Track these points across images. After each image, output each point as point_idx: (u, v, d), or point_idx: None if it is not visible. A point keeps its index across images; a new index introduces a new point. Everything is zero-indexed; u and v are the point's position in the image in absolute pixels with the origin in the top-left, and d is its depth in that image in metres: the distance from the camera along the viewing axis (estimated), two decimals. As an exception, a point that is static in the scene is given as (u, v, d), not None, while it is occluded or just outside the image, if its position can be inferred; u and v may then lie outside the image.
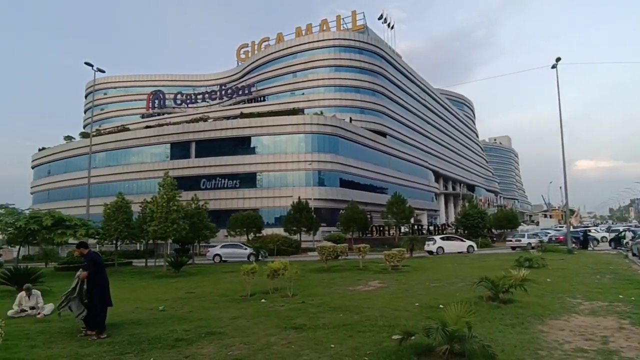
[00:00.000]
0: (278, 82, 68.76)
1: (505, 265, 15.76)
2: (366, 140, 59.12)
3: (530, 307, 9.12)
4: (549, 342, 6.61)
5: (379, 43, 70.08)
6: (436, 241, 32.91)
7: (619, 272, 16.31)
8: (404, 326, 7.30)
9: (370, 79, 65.77)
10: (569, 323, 7.96)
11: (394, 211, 43.02)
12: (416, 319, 8.19)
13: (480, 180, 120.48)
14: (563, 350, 6.20)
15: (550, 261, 19.42)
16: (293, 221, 39.86)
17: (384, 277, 16.30)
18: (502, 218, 48.14)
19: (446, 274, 16.72)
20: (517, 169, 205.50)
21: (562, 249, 28.83)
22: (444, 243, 32.68)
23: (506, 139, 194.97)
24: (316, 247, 24.85)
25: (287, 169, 51.19)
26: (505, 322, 7.93)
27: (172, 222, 24.57)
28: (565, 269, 17.47)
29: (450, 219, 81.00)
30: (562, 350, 6.20)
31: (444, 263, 22.87)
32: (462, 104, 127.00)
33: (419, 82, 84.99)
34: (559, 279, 14.26)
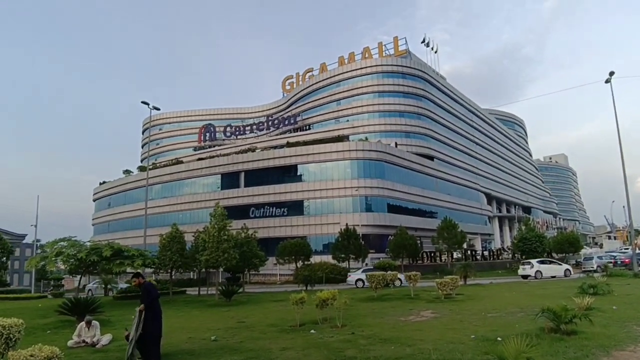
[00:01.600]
0: (322, 110, 69.99)
1: (568, 293, 14.86)
2: (413, 164, 58.42)
3: (595, 338, 8.49)
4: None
5: (421, 66, 69.95)
6: (534, 265, 31.93)
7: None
8: (459, 360, 7.01)
9: (414, 102, 65.48)
10: (635, 354, 7.36)
11: (444, 236, 41.79)
12: (472, 352, 7.83)
13: (537, 201, 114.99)
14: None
15: (616, 287, 18.12)
16: (341, 248, 39.62)
17: (437, 307, 15.74)
18: (562, 241, 45.39)
19: (504, 303, 15.90)
20: (576, 188, 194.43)
21: (628, 273, 26.79)
22: (542, 267, 31.78)
23: (562, 158, 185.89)
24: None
25: (334, 195, 51.36)
26: (568, 355, 7.44)
27: (223, 251, 25.18)
28: (632, 295, 16.23)
29: (506, 243, 77.54)
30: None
31: (501, 291, 21.79)
32: (513, 123, 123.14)
33: (465, 103, 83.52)
34: (626, 306, 13.21)
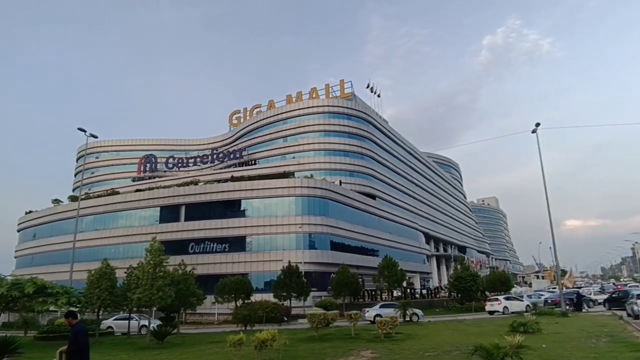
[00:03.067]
0: (269, 146, 70.30)
1: (500, 331, 15.41)
2: (356, 203, 59.48)
3: (527, 378, 8.81)
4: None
5: (365, 109, 72.76)
6: (501, 301, 33.41)
7: (614, 334, 16.01)
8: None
9: (359, 143, 67.56)
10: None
11: (385, 274, 42.32)
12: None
13: (471, 241, 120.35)
14: None
15: (545, 325, 19.05)
16: (283, 286, 38.83)
17: (377, 346, 15.72)
18: (495, 280, 47.42)
19: (441, 342, 16.20)
20: (506, 229, 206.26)
21: (556, 312, 28.32)
22: (508, 302, 33.31)
23: (494, 200, 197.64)
24: (307, 314, 24.10)
25: (278, 232, 50.84)
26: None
27: (157, 289, 23.78)
28: (560, 333, 17.08)
29: (443, 281, 79.85)
30: None
31: (438, 330, 22.21)
32: (449, 166, 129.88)
33: (406, 146, 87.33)
34: (554, 344, 13.91)
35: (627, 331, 17.26)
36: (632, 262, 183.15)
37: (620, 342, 13.90)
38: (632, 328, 18.14)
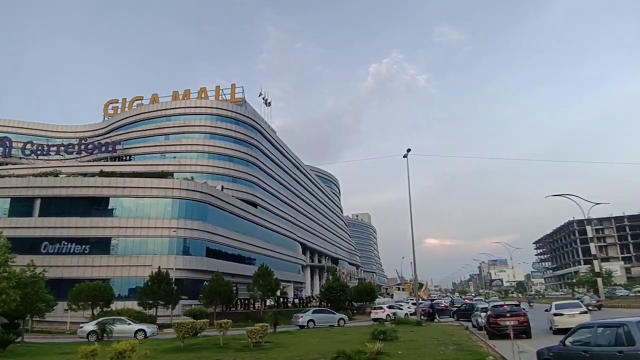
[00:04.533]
0: (148, 142, 65.67)
1: (363, 339, 16.33)
2: (237, 210, 58.59)
3: (383, 382, 9.46)
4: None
5: (255, 117, 72.55)
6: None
7: (461, 343, 17.94)
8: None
9: (245, 149, 66.89)
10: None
11: (260, 283, 42.19)
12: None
13: (344, 253, 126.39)
14: None
15: (402, 333, 20.68)
16: (150, 293, 36.26)
17: (245, 356, 15.55)
18: (362, 291, 50.46)
19: (308, 350, 16.62)
20: (375, 244, 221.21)
21: (412, 321, 30.96)
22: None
23: (367, 216, 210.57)
24: (173, 323, 22.89)
25: (149, 234, 47.56)
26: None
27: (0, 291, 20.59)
28: (415, 341, 18.70)
29: (315, 291, 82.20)
30: None
31: (307, 338, 22.77)
32: (329, 181, 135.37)
33: (291, 157, 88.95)
34: (409, 351, 15.15)
35: (472, 340, 19.51)
36: (479, 279, 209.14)
37: (466, 350, 15.62)
38: (476, 338, 20.53)
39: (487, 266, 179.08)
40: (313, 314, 33.66)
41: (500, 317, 20.35)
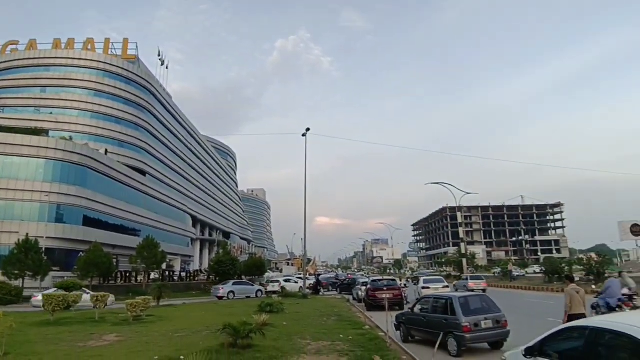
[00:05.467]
0: (21, 93, 57.49)
1: (250, 311, 16.48)
2: (122, 177, 54.55)
3: (266, 351, 9.69)
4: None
5: (149, 78, 67.54)
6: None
7: (342, 314, 19.11)
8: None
9: (135, 112, 62.08)
10: (297, 363, 8.80)
11: (144, 255, 40.06)
12: (154, 373, 7.64)
13: (236, 228, 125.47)
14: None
15: (288, 306, 21.35)
16: (16, 263, 32.49)
17: (123, 330, 14.76)
18: (252, 265, 50.75)
19: (193, 323, 16.33)
20: (269, 219, 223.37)
21: (298, 294, 32.11)
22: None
23: (262, 192, 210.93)
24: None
25: (16, 198, 42.29)
26: (243, 367, 8.20)
27: None
28: (300, 313, 19.47)
29: (204, 265, 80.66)
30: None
31: (193, 311, 22.34)
32: (226, 153, 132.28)
33: (186, 125, 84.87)
34: (294, 322, 15.76)
35: (352, 312, 20.91)
36: (362, 256, 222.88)
37: (346, 320, 16.69)
38: (356, 309, 22.06)
39: (371, 244, 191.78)
40: (233, 285, 34.63)
41: (378, 290, 22.11)
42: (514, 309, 18.07)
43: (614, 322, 4.60)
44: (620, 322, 4.51)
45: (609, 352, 4.50)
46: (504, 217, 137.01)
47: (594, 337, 4.66)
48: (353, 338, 11.97)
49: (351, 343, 11.18)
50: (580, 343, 4.83)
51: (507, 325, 10.73)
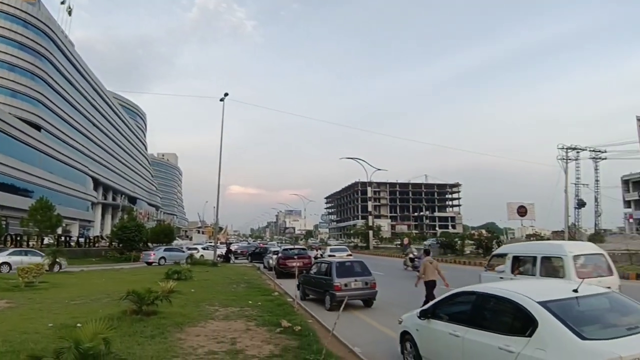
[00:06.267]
0: None
1: (156, 278, 16.07)
2: (13, 130, 48.87)
3: (172, 317, 9.61)
4: (184, 349, 7.17)
5: (50, 23, 60.42)
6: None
7: (251, 282, 19.41)
8: (32, 350, 6.38)
9: (32, 59, 55.47)
10: (205, 329, 8.88)
11: (37, 219, 36.68)
12: (47, 340, 7.27)
13: (144, 193, 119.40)
14: (197, 354, 6.86)
15: (197, 273, 21.16)
16: None
17: (14, 296, 13.67)
18: (159, 232, 49.05)
19: (92, 290, 15.56)
20: (180, 186, 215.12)
21: (208, 262, 31.83)
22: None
23: (173, 157, 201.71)
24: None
25: None
26: (146, 334, 8.05)
27: None
28: (209, 280, 19.44)
29: (106, 230, 76.07)
30: (196, 354, 6.86)
31: (91, 278, 21.20)
32: (135, 113, 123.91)
33: (91, 79, 77.80)
34: (202, 289, 15.73)
35: (262, 279, 21.29)
36: (275, 227, 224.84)
37: (255, 287, 17.01)
38: (266, 277, 22.47)
39: (284, 215, 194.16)
40: (164, 251, 34.50)
41: (288, 259, 22.76)
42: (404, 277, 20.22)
43: (498, 288, 5.30)
44: (503, 288, 5.20)
45: (493, 314, 5.14)
46: (409, 193, 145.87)
47: (481, 302, 5.36)
48: (262, 304, 12.31)
49: (260, 309, 11.50)
50: (468, 307, 5.52)
51: (375, 287, 12.90)
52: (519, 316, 4.55)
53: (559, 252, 10.08)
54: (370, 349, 7.84)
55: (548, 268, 10.13)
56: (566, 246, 10.50)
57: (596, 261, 10.40)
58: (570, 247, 10.55)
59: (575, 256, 9.85)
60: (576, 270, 9.47)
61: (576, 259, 9.82)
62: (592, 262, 10.28)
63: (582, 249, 10.71)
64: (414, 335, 6.37)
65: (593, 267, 10.17)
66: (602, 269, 10.14)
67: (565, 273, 9.49)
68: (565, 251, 9.95)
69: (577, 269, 9.52)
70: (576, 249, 10.34)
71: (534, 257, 10.68)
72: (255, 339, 8.04)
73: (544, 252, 10.62)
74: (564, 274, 9.52)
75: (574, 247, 10.62)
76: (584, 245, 12.88)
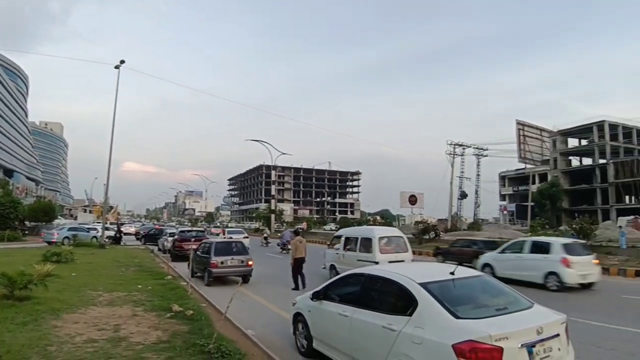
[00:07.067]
0: None
1: (32, 260, 14.50)
2: None
3: (47, 303, 8.82)
4: (60, 337, 6.63)
5: None
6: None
7: (143, 265, 18.37)
8: None
9: None
10: (85, 315, 8.26)
11: None
12: None
13: (22, 165, 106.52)
14: (74, 343, 6.36)
15: (81, 256, 19.54)
16: None
17: None
18: (38, 209, 44.16)
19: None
20: (65, 159, 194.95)
21: (95, 244, 29.47)
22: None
23: (58, 126, 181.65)
24: None
25: None
26: (17, 321, 7.37)
27: None
28: (94, 263, 18.02)
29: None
30: (73, 343, 6.36)
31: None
32: (16, 75, 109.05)
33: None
34: (85, 273, 14.56)
35: (155, 262, 20.27)
36: (173, 208, 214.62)
37: (147, 271, 16.10)
38: (159, 260, 21.44)
39: (184, 196, 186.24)
40: (69, 230, 33.07)
41: (185, 241, 21.99)
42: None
43: (385, 270, 5.63)
44: (389, 270, 5.53)
45: (379, 295, 5.43)
46: (312, 179, 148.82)
47: (369, 283, 5.65)
48: (153, 288, 11.77)
49: (150, 293, 10.99)
50: (357, 288, 5.79)
51: (251, 265, 14.44)
52: (402, 296, 4.82)
53: (370, 234, 13.97)
54: (264, 331, 7.93)
55: (364, 245, 13.88)
56: (375, 230, 14.73)
57: (397, 241, 14.28)
58: (378, 231, 14.70)
59: (380, 237, 13.71)
60: (380, 247, 13.39)
61: (381, 239, 13.64)
62: (394, 242, 14.17)
63: (386, 233, 14.80)
64: (306, 316, 6.55)
65: (394, 245, 14.04)
66: (401, 247, 14.11)
67: (373, 249, 13.33)
68: (374, 234, 13.85)
69: (381, 247, 13.44)
70: (382, 232, 14.45)
71: (356, 237, 14.52)
72: (142, 325, 7.68)
73: (361, 235, 14.53)
74: (372, 249, 13.33)
75: (381, 231, 14.77)
76: (389, 229, 17.28)
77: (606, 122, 63.33)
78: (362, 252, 13.81)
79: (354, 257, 13.99)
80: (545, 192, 63.11)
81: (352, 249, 14.45)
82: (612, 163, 61.49)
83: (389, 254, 13.38)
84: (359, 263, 12.72)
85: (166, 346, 6.38)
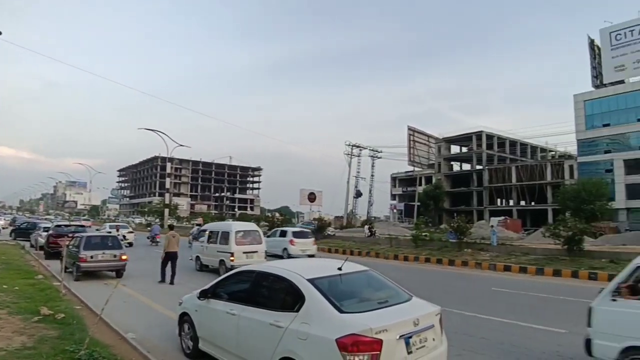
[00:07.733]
0: None
1: None
2: None
3: None
4: None
5: None
6: None
7: (11, 262, 16.22)
8: None
9: None
10: None
11: None
12: None
13: None
14: None
15: None
16: None
17: None
18: None
19: None
20: None
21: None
22: None
23: None
24: None
25: None
26: None
27: None
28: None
29: None
30: None
31: None
32: None
33: None
34: None
35: (25, 260, 18.04)
36: (52, 199, 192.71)
37: (15, 269, 14.27)
38: (31, 257, 19.13)
39: (64, 186, 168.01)
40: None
41: (61, 237, 19.81)
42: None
43: (274, 267, 5.60)
44: (279, 267, 5.51)
45: (268, 292, 5.41)
46: (212, 173, 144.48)
47: (259, 280, 5.58)
48: (20, 289, 10.53)
49: (16, 294, 9.81)
50: (247, 285, 5.69)
51: (124, 259, 14.41)
52: (290, 292, 4.81)
53: (229, 228, 15.89)
54: (146, 333, 7.48)
55: (224, 238, 15.50)
56: (233, 225, 16.77)
57: (253, 235, 16.12)
58: (236, 225, 16.90)
59: (237, 231, 15.62)
60: (236, 240, 15.19)
61: (237, 233, 15.53)
62: (250, 236, 16.01)
63: (243, 227, 16.81)
64: (193, 316, 6.31)
65: (250, 238, 15.86)
66: (256, 239, 16.01)
67: (230, 241, 15.06)
68: (232, 228, 15.85)
69: (237, 239, 15.24)
70: (239, 227, 16.55)
71: (218, 231, 16.21)
72: (5, 329, 6.84)
73: (222, 229, 16.28)
74: (229, 241, 15.08)
75: (238, 226, 16.96)
76: (246, 224, 18.74)
77: (484, 132, 71.02)
78: (222, 244, 15.50)
79: (214, 249, 15.97)
80: (429, 193, 68.86)
81: (214, 242, 16.10)
82: (487, 169, 69.06)
83: (244, 245, 15.40)
84: (219, 254, 15.49)
85: (31, 353, 5.77)
